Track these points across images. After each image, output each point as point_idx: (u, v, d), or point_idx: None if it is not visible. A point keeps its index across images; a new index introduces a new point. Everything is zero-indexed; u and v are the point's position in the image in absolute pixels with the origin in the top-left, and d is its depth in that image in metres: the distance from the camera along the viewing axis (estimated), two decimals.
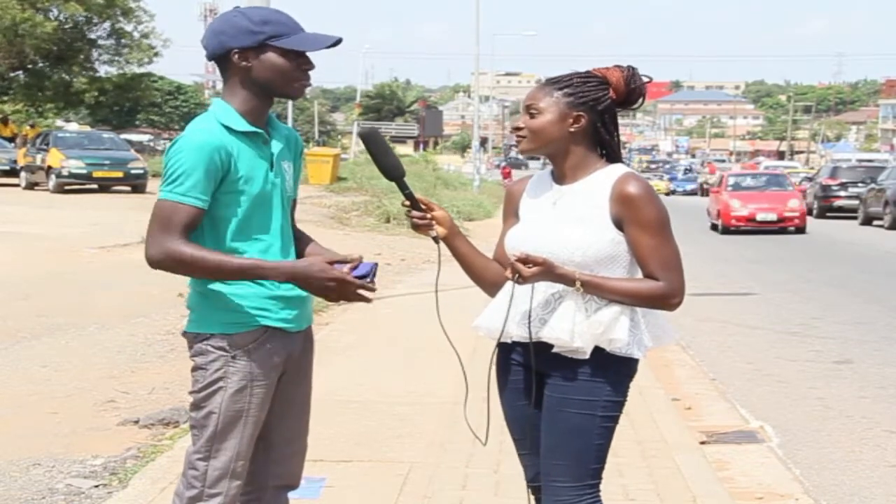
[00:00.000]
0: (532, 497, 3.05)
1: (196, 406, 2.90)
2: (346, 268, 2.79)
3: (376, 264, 2.86)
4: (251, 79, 2.87)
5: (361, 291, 2.82)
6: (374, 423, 5.86)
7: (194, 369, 2.91)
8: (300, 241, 3.07)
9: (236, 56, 2.85)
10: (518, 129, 2.92)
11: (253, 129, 2.88)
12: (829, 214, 30.24)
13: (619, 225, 2.81)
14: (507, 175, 52.71)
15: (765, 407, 6.84)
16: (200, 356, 2.89)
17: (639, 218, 2.79)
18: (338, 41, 2.91)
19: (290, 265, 2.83)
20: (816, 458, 5.69)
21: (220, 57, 2.89)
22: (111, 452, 5.34)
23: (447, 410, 5.91)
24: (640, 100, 2.93)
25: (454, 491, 4.68)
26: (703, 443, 5.72)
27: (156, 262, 2.79)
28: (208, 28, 2.95)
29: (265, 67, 2.85)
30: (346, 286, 2.79)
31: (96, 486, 4.80)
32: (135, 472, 4.96)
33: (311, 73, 2.94)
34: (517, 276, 2.75)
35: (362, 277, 2.79)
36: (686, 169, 69.18)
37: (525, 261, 2.74)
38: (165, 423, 5.83)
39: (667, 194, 51.23)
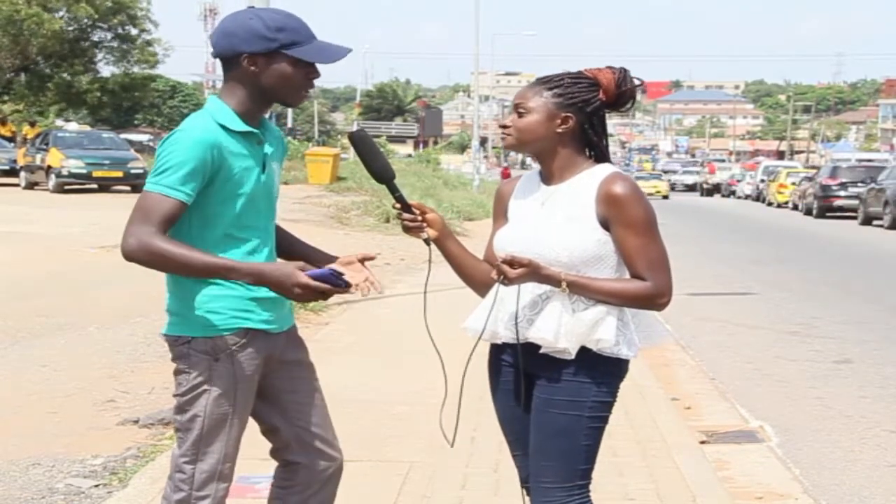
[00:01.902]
0: (527, 497, 3.05)
1: (180, 409, 2.89)
2: (307, 272, 2.76)
3: (332, 271, 2.79)
4: (255, 83, 2.85)
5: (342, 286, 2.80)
6: (374, 423, 5.86)
7: (177, 372, 2.90)
8: (282, 239, 3.08)
9: (245, 60, 2.82)
10: (505, 126, 2.91)
11: (248, 129, 2.87)
12: (829, 214, 30.26)
13: (605, 225, 2.80)
14: (506, 176, 52.60)
15: (765, 407, 6.84)
16: (183, 359, 2.87)
17: (625, 218, 2.78)
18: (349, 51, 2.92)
19: (258, 266, 2.78)
20: (816, 458, 5.69)
21: (229, 58, 2.86)
22: (111, 452, 5.34)
23: (447, 410, 5.90)
24: (630, 102, 2.91)
25: (454, 491, 4.68)
26: (702, 442, 5.73)
27: (129, 253, 2.74)
28: (219, 26, 2.92)
29: (273, 75, 2.83)
30: (310, 290, 2.75)
31: (96, 486, 4.80)
32: (135, 471, 4.97)
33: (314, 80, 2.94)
34: (503, 277, 2.75)
35: (328, 278, 2.75)
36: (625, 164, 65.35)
37: (511, 262, 2.73)
38: (165, 423, 5.82)
39: (664, 197, 49.39)
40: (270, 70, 2.83)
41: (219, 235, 2.84)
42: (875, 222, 26.09)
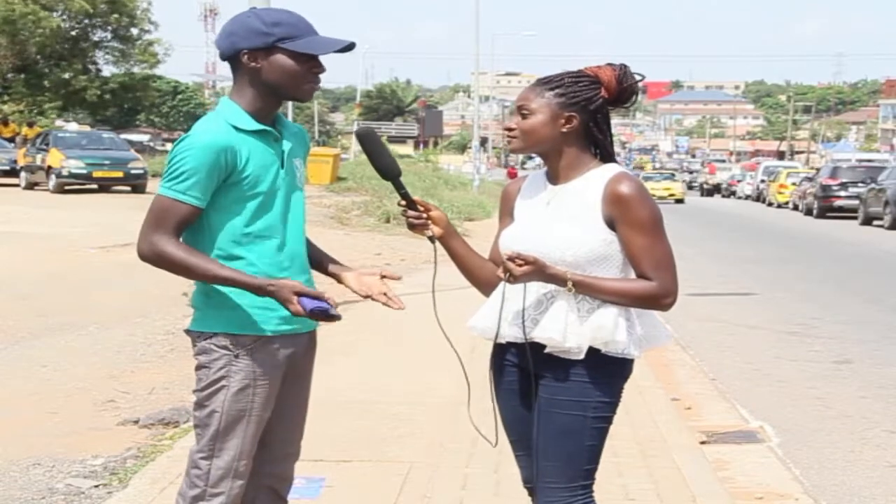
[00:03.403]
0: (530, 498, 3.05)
1: (199, 405, 2.91)
2: (303, 301, 2.78)
3: (329, 306, 2.81)
4: (260, 80, 2.88)
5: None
6: (374, 423, 5.86)
7: (198, 368, 2.92)
8: (319, 257, 3.09)
9: (246, 57, 2.86)
10: (509, 129, 2.91)
11: (262, 127, 2.89)
12: (829, 214, 30.27)
13: (611, 225, 2.80)
14: (512, 175, 52.48)
15: (765, 407, 6.84)
16: (204, 355, 2.90)
17: (631, 218, 2.78)
18: (350, 45, 2.90)
19: (258, 281, 2.80)
20: (816, 458, 5.69)
21: (231, 57, 2.90)
22: (111, 452, 5.34)
23: (447, 410, 5.91)
24: (633, 98, 2.91)
25: (454, 491, 4.68)
26: (703, 443, 5.72)
27: (143, 256, 2.85)
28: (222, 29, 2.97)
29: (274, 69, 2.86)
30: (299, 315, 2.79)
31: (96, 486, 4.80)
32: (135, 472, 4.97)
33: (321, 75, 2.95)
34: (508, 275, 2.75)
35: (318, 312, 2.78)
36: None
37: (515, 259, 2.74)
38: (165, 423, 5.84)
39: (678, 200, 47.12)
40: (271, 65, 2.86)
41: (238, 234, 2.86)
42: (875, 222, 26.09)
